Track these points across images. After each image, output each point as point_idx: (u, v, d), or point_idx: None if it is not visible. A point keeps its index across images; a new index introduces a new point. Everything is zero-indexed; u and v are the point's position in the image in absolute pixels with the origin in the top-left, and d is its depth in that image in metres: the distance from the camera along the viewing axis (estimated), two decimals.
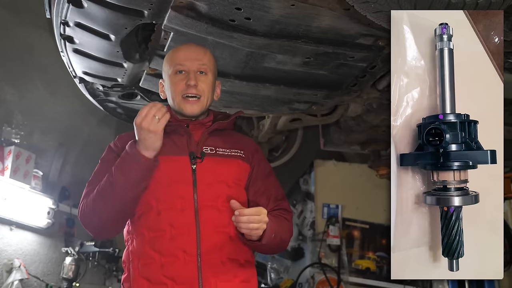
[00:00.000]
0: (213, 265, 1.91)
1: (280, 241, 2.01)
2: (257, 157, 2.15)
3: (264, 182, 2.12)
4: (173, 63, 2.06)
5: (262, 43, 2.26)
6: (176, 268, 1.89)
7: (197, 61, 2.04)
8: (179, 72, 2.04)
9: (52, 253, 4.79)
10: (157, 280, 1.89)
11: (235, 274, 1.96)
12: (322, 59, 2.46)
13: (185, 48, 2.10)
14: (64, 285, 4.65)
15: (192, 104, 2.03)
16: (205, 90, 2.04)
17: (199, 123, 2.09)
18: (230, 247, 1.96)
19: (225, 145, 2.08)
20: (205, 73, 2.05)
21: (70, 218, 5.06)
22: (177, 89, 2.04)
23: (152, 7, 2.07)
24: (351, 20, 2.10)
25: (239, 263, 1.98)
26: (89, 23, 2.25)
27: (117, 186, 1.91)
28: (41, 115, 4.85)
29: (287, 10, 2.02)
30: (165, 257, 1.90)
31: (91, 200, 1.98)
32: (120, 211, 1.97)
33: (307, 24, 2.15)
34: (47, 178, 4.79)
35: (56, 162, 4.96)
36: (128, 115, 3.67)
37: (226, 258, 1.94)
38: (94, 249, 4.91)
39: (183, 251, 1.90)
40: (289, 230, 2.09)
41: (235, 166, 2.06)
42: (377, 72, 2.65)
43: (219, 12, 2.06)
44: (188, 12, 2.09)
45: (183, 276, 1.88)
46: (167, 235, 1.92)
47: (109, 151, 2.13)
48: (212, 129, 2.08)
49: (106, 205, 1.94)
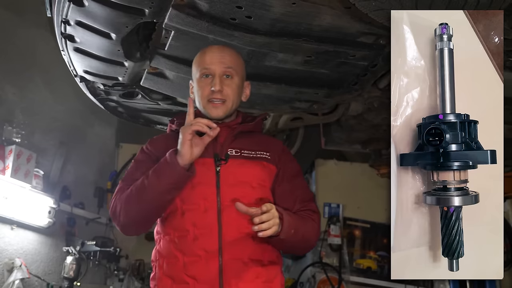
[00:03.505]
0: (234, 266, 1.94)
1: (302, 239, 2.01)
2: (284, 158, 2.16)
3: (291, 183, 2.13)
4: (200, 66, 2.09)
5: (263, 41, 2.26)
6: (198, 267, 1.93)
7: (223, 65, 2.06)
8: (205, 76, 2.08)
9: (53, 252, 4.79)
10: (180, 279, 1.94)
11: (257, 274, 1.97)
12: (323, 58, 2.45)
13: (211, 51, 2.11)
14: (65, 284, 4.65)
15: (217, 108, 2.07)
16: (230, 94, 2.07)
17: (226, 126, 2.12)
18: (252, 248, 1.98)
19: (251, 147, 2.10)
20: (231, 76, 2.08)
21: (71, 218, 5.08)
22: (203, 93, 2.07)
23: (153, 5, 2.07)
24: (352, 19, 2.10)
25: (262, 263, 1.99)
26: (90, 21, 2.25)
27: (150, 189, 1.95)
28: (42, 114, 4.86)
29: (288, 9, 2.02)
30: (188, 257, 1.95)
31: (124, 198, 2.02)
32: (149, 213, 2.03)
33: (308, 23, 2.15)
34: (48, 177, 4.79)
35: (57, 161, 4.97)
36: (129, 114, 3.68)
37: (248, 258, 1.96)
38: (95, 249, 4.92)
39: (205, 251, 1.94)
40: (314, 230, 2.08)
41: (260, 167, 2.07)
42: (378, 70, 2.65)
43: (220, 10, 2.06)
44: (189, 10, 2.09)
45: (204, 275, 1.92)
46: (191, 235, 1.96)
47: (141, 152, 2.22)
48: (238, 131, 2.11)
49: (137, 205, 1.99)
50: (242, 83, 2.15)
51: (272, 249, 2.05)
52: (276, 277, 2.04)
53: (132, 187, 2.01)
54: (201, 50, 2.14)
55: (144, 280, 5.48)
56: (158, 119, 3.80)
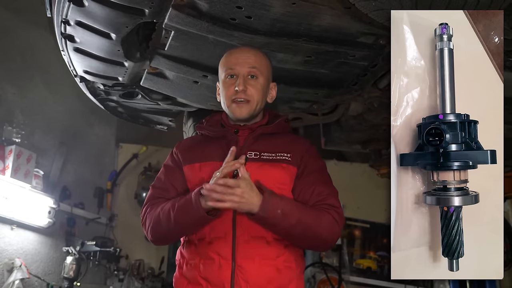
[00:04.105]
0: (246, 271, 1.93)
1: (303, 228, 1.94)
2: (307, 156, 2.12)
3: (310, 177, 2.08)
4: (225, 67, 2.11)
5: (263, 41, 2.26)
6: (211, 270, 1.95)
7: (247, 65, 2.07)
8: (230, 76, 2.09)
9: (53, 253, 4.79)
10: (195, 280, 1.98)
11: (269, 280, 1.95)
12: (323, 58, 2.45)
13: (236, 51, 2.12)
14: (65, 284, 4.65)
15: (240, 107, 2.07)
16: (254, 94, 2.07)
17: (248, 128, 2.13)
18: (266, 253, 1.97)
19: (271, 149, 2.09)
20: (256, 76, 2.08)
21: (71, 218, 5.08)
22: (228, 94, 2.08)
23: (153, 5, 2.07)
24: (352, 19, 2.09)
25: (277, 268, 1.98)
26: (90, 21, 2.24)
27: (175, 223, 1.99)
28: (42, 114, 4.86)
29: (288, 9, 2.02)
30: (204, 259, 1.98)
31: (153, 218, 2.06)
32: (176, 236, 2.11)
33: (308, 23, 2.15)
34: (48, 178, 4.79)
35: (57, 161, 4.97)
36: (129, 114, 3.67)
37: (261, 263, 1.95)
38: (95, 249, 4.92)
39: (218, 254, 1.95)
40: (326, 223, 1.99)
41: (279, 169, 2.05)
42: (378, 70, 2.64)
43: (220, 10, 2.06)
44: (189, 10, 2.08)
45: (217, 278, 1.93)
46: (207, 239, 1.99)
47: (170, 156, 2.22)
48: (258, 134, 2.11)
49: (165, 230, 2.05)
50: (268, 84, 2.15)
51: (290, 254, 2.03)
52: (291, 283, 2.01)
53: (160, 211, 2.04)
54: (227, 51, 2.15)
55: (144, 280, 5.49)
56: (158, 119, 3.79)
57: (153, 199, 2.12)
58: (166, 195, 2.11)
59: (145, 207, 2.12)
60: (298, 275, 2.07)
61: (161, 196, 2.11)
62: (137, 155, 6.12)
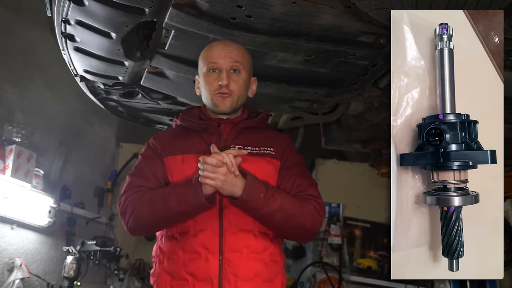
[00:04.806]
0: (234, 264, 1.93)
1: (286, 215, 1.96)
2: (288, 150, 2.17)
3: (290, 171, 2.12)
4: (207, 60, 2.11)
5: (263, 41, 2.26)
6: (197, 264, 1.93)
7: (230, 59, 2.08)
8: (212, 70, 2.09)
9: (53, 252, 4.79)
10: (179, 276, 1.94)
11: (257, 273, 1.96)
12: (323, 57, 2.45)
13: (218, 45, 2.13)
14: (65, 284, 4.64)
15: (224, 100, 2.08)
16: (236, 89, 2.08)
17: (230, 122, 2.14)
18: (253, 246, 1.98)
19: (254, 143, 2.11)
20: (239, 71, 2.10)
21: (71, 217, 5.07)
22: (211, 88, 2.09)
23: (153, 5, 2.07)
24: (352, 18, 2.10)
25: (264, 262, 1.99)
26: (90, 21, 2.24)
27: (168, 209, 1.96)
28: (42, 114, 4.86)
29: (288, 8, 2.02)
30: (188, 254, 1.95)
31: (136, 204, 2.02)
32: (161, 224, 2.05)
33: (308, 22, 2.15)
34: (48, 177, 4.79)
35: (57, 161, 4.96)
36: (129, 114, 3.67)
37: (249, 257, 1.95)
38: (95, 248, 4.91)
39: (204, 248, 1.93)
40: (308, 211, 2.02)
41: (263, 163, 2.07)
42: (378, 70, 2.64)
43: (220, 10, 2.06)
44: (189, 10, 2.08)
45: (204, 273, 1.92)
46: (191, 232, 1.97)
47: (147, 147, 2.20)
48: (241, 128, 2.12)
49: (150, 216, 2.00)
50: (249, 78, 2.17)
51: (275, 247, 2.04)
52: (278, 276, 2.03)
53: (148, 198, 2.00)
54: (208, 45, 2.15)
55: (144, 279, 5.48)
56: (158, 118, 3.80)
57: (135, 187, 2.07)
58: (147, 184, 2.07)
59: (126, 195, 2.07)
60: (282, 269, 2.08)
61: (142, 184, 2.07)
62: (137, 154, 6.10)
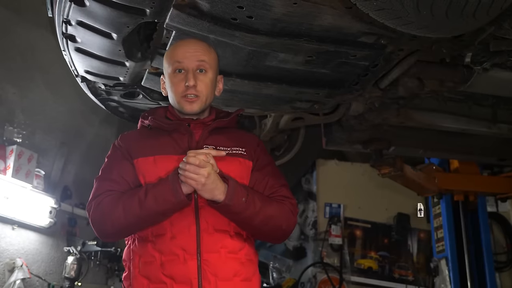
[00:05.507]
0: (213, 264, 1.91)
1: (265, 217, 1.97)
2: (258, 151, 2.16)
3: (262, 172, 2.11)
4: (172, 60, 2.08)
5: (264, 41, 2.26)
6: (176, 267, 1.89)
7: (196, 59, 2.05)
8: (178, 71, 2.06)
9: (54, 252, 4.80)
10: (157, 279, 1.90)
11: (235, 272, 1.95)
12: (324, 58, 2.45)
13: (183, 44, 2.10)
14: (66, 284, 4.66)
15: (191, 103, 2.05)
16: (203, 90, 2.05)
17: (200, 122, 2.11)
18: (230, 246, 1.97)
19: (226, 143, 2.09)
20: (205, 70, 2.07)
21: (72, 218, 5.08)
22: (177, 89, 2.05)
23: (154, 5, 2.07)
24: (353, 19, 2.10)
25: (240, 261, 1.98)
26: (91, 21, 2.24)
27: (145, 210, 1.91)
28: (43, 114, 4.86)
29: (289, 9, 2.01)
30: (165, 256, 1.91)
31: (109, 208, 1.97)
32: (136, 227, 1.99)
33: (309, 23, 2.15)
34: (49, 178, 4.80)
35: (58, 161, 4.97)
36: (130, 114, 3.67)
37: (226, 257, 1.94)
38: (96, 249, 4.93)
39: (182, 249, 1.90)
40: (282, 212, 2.03)
41: (236, 164, 2.06)
42: (379, 70, 2.64)
43: (221, 10, 2.05)
44: (190, 10, 2.08)
45: (182, 275, 1.88)
46: (168, 234, 1.93)
47: (114, 149, 2.14)
48: (213, 128, 2.10)
49: (126, 218, 1.94)
50: (216, 77, 2.14)
51: (249, 247, 2.04)
52: (254, 275, 2.03)
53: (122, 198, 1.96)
54: (173, 44, 2.13)
55: None
56: None
57: (106, 191, 2.01)
58: (117, 187, 2.02)
59: (96, 200, 2.02)
60: (257, 269, 2.07)
61: (113, 188, 2.02)
62: None
